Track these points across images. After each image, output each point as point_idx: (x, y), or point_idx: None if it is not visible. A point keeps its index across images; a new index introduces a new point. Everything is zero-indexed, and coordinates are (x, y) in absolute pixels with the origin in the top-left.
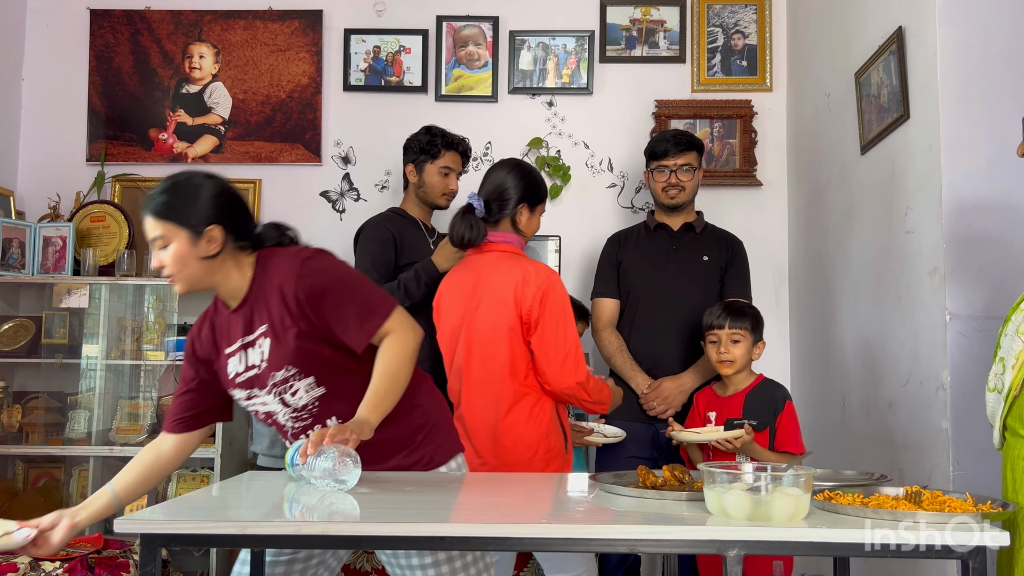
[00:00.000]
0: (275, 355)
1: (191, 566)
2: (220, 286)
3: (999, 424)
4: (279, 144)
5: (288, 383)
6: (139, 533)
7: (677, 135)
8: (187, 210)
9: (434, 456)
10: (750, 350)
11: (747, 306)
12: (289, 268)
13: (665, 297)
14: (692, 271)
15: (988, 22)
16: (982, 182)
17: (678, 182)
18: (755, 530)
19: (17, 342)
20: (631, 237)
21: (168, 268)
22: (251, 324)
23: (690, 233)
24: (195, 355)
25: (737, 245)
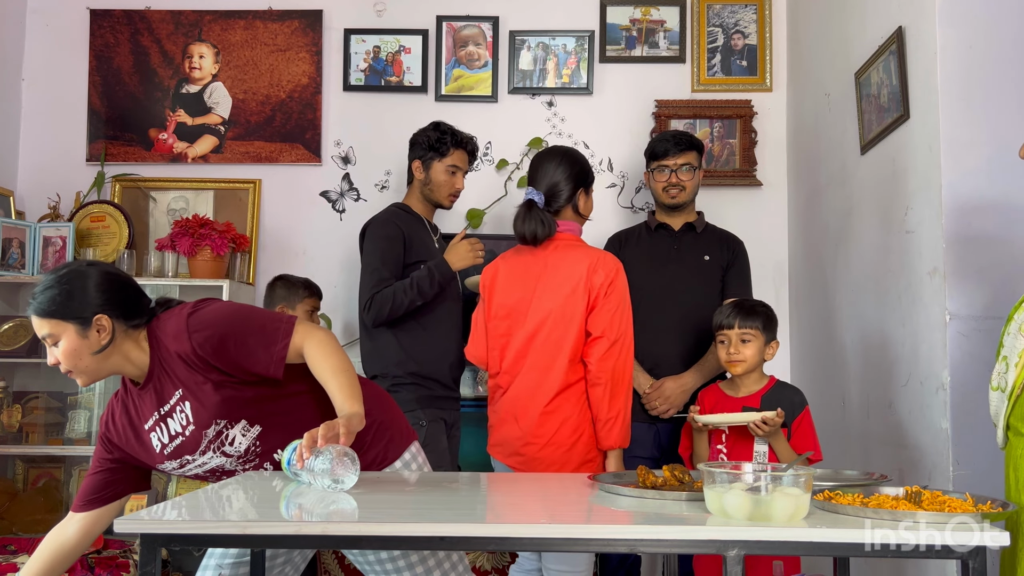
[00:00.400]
0: (200, 415)
1: (191, 566)
2: (122, 369)
3: (1003, 423)
4: (279, 144)
5: (223, 435)
6: (139, 533)
7: (677, 135)
8: (71, 304)
9: (387, 453)
10: (762, 350)
11: (759, 304)
12: (178, 329)
13: (667, 297)
14: (694, 271)
15: (988, 22)
16: (982, 182)
17: (678, 182)
18: (755, 530)
19: (17, 342)
20: (632, 237)
21: (64, 364)
22: (163, 395)
23: (691, 233)
24: (111, 440)
25: (738, 245)
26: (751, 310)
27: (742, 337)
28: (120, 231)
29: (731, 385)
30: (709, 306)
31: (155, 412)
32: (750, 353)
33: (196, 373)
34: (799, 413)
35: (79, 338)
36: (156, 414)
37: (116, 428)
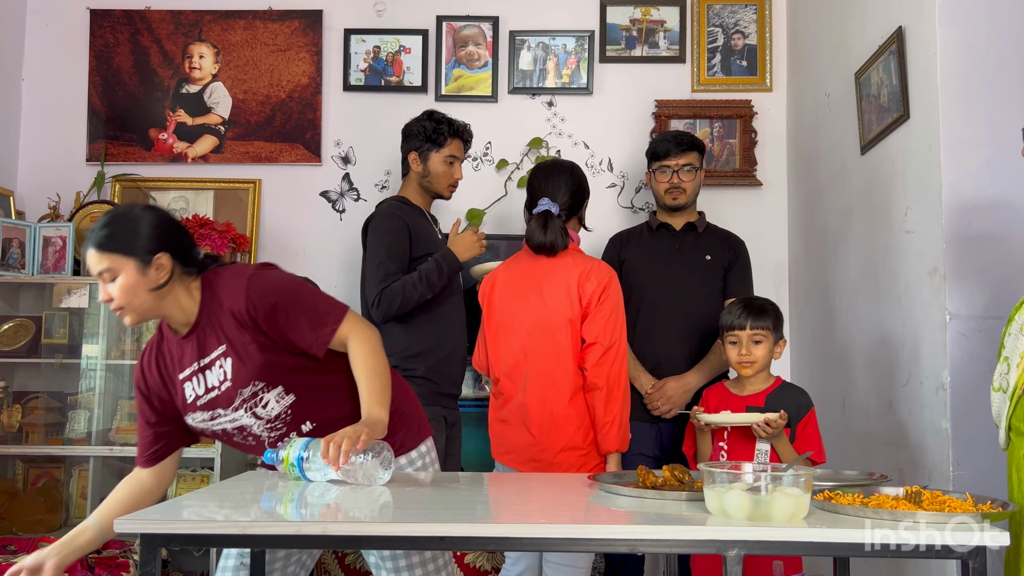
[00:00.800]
0: (240, 372)
1: (191, 566)
2: (171, 314)
3: (1004, 424)
4: (279, 144)
5: (258, 396)
6: (139, 533)
7: (678, 136)
8: (134, 240)
9: (404, 442)
10: (772, 350)
11: (768, 303)
12: (237, 287)
13: (669, 297)
14: (695, 271)
15: (988, 22)
16: (982, 182)
17: (680, 183)
18: (755, 530)
19: (17, 342)
20: (633, 237)
21: (117, 300)
22: (205, 347)
23: (692, 233)
24: (147, 388)
25: (739, 245)
26: (761, 310)
27: (753, 338)
28: None
29: (737, 384)
30: (711, 306)
31: (195, 363)
32: (761, 354)
33: (244, 332)
34: (804, 414)
35: (138, 274)
36: (195, 364)
37: (152, 374)
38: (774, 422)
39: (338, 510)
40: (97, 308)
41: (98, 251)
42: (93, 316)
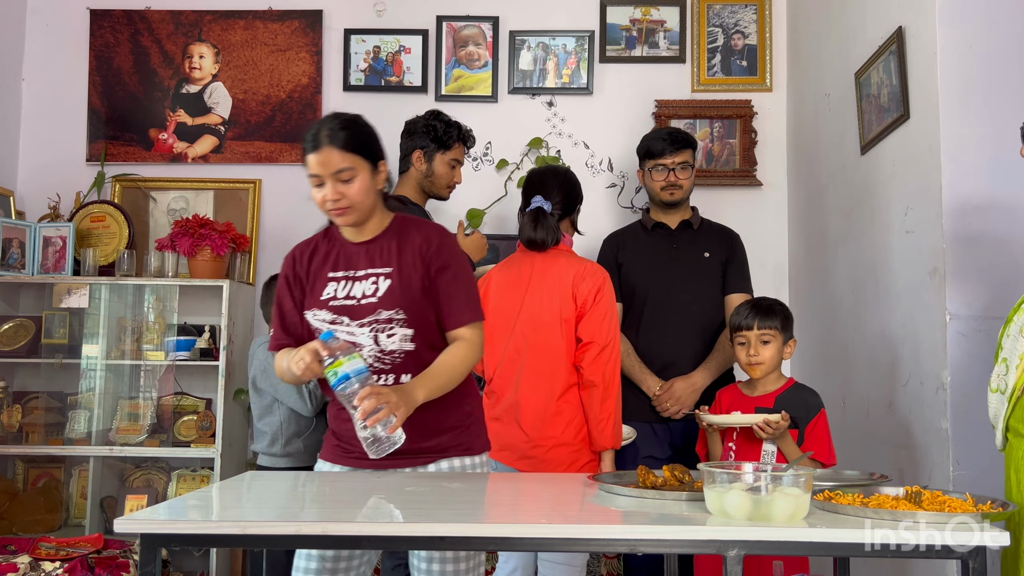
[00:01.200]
0: (394, 295)
1: (191, 566)
2: (367, 221)
3: (1002, 425)
4: (279, 144)
5: (391, 324)
6: (139, 533)
7: (673, 133)
8: (369, 144)
9: (473, 444)
10: (781, 350)
11: (776, 303)
12: (434, 234)
13: (670, 297)
14: (694, 269)
15: (988, 22)
16: (982, 182)
17: (676, 180)
18: (755, 530)
19: (17, 342)
20: (628, 237)
21: (351, 199)
22: (374, 259)
23: (688, 230)
24: (294, 275)
25: (735, 239)
26: (769, 309)
27: (762, 338)
28: (120, 231)
29: (749, 385)
30: (712, 303)
31: (351, 269)
32: (769, 354)
33: (418, 268)
34: (814, 416)
35: (371, 177)
36: (351, 271)
37: (300, 263)
38: (774, 423)
39: (338, 510)
40: (97, 308)
41: (342, 150)
42: (93, 316)
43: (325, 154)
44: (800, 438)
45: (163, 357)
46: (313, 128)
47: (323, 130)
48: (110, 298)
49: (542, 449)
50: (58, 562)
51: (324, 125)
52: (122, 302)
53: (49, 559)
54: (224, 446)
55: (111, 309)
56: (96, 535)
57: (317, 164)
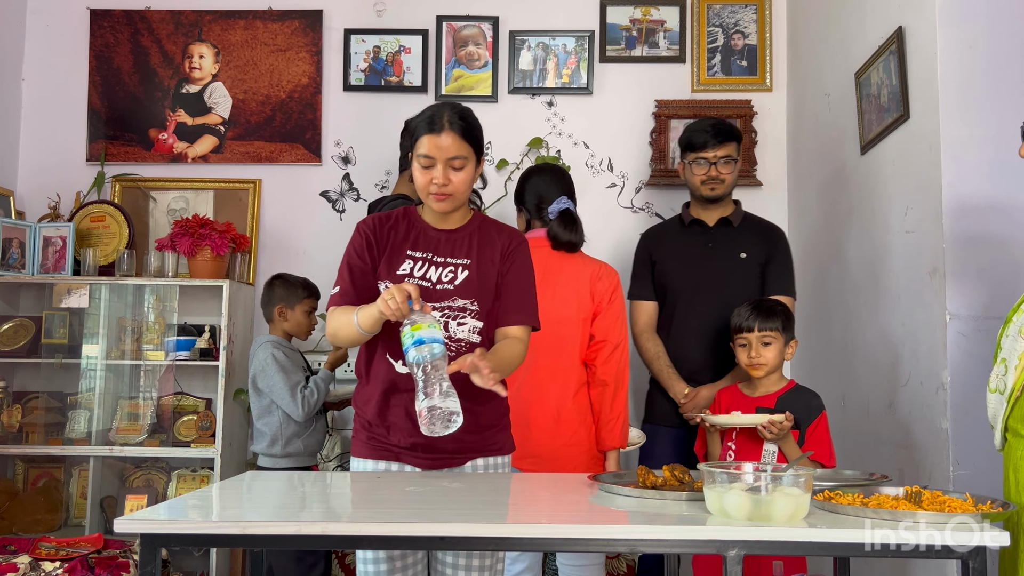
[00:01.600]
0: (470, 286)
1: (191, 566)
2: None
3: (1001, 425)
4: (279, 144)
5: (464, 314)
6: (139, 533)
7: (717, 125)
8: (480, 139)
9: (505, 444)
10: (782, 351)
11: (776, 304)
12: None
13: (703, 298)
14: (729, 270)
15: (988, 22)
16: (982, 182)
17: (718, 175)
18: (755, 530)
19: (17, 342)
20: (664, 234)
21: (455, 186)
22: (454, 249)
23: (727, 228)
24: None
25: (778, 237)
26: (770, 311)
27: (763, 340)
28: (120, 231)
29: (750, 385)
30: None
31: (431, 253)
32: (771, 356)
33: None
34: (815, 418)
35: (474, 170)
36: (430, 254)
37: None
38: (779, 424)
39: (338, 510)
40: (97, 308)
41: (460, 138)
42: (93, 316)
43: (445, 138)
44: (801, 439)
45: (163, 357)
46: (432, 110)
47: (445, 115)
48: (110, 298)
49: (550, 448)
50: (58, 562)
51: (446, 110)
52: (122, 302)
53: (49, 559)
54: (224, 446)
55: (111, 309)
56: (96, 535)
57: (434, 147)
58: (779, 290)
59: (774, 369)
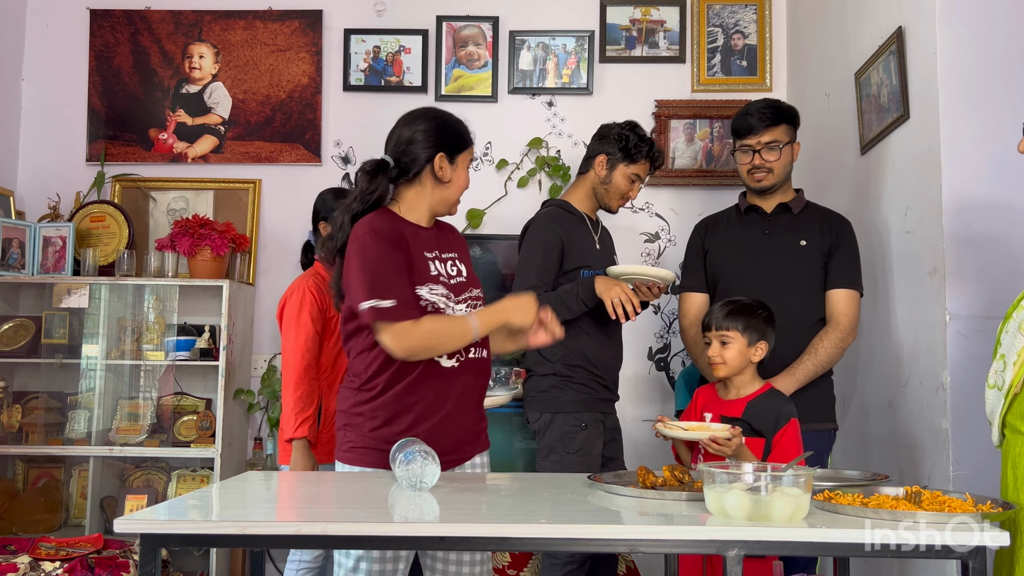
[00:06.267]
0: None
1: (191, 566)
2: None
3: (998, 421)
4: (279, 144)
5: (479, 303)
6: (139, 533)
7: (763, 107)
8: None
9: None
10: (744, 352)
11: (744, 305)
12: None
13: (759, 289)
14: (789, 258)
15: (988, 22)
16: (982, 182)
17: (763, 163)
18: (755, 530)
19: (17, 342)
20: (720, 222)
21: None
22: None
23: (786, 215)
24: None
25: (843, 227)
26: (736, 311)
27: (721, 339)
28: (120, 231)
29: (724, 386)
30: (810, 298)
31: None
32: (730, 355)
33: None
34: (783, 425)
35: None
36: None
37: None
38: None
39: (338, 510)
40: (97, 308)
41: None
42: (93, 316)
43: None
44: (767, 447)
45: (163, 357)
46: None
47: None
48: (110, 298)
49: None
50: (58, 562)
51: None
52: (122, 302)
53: (49, 559)
54: (224, 446)
55: (111, 309)
56: (96, 535)
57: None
58: (842, 282)
59: (735, 370)
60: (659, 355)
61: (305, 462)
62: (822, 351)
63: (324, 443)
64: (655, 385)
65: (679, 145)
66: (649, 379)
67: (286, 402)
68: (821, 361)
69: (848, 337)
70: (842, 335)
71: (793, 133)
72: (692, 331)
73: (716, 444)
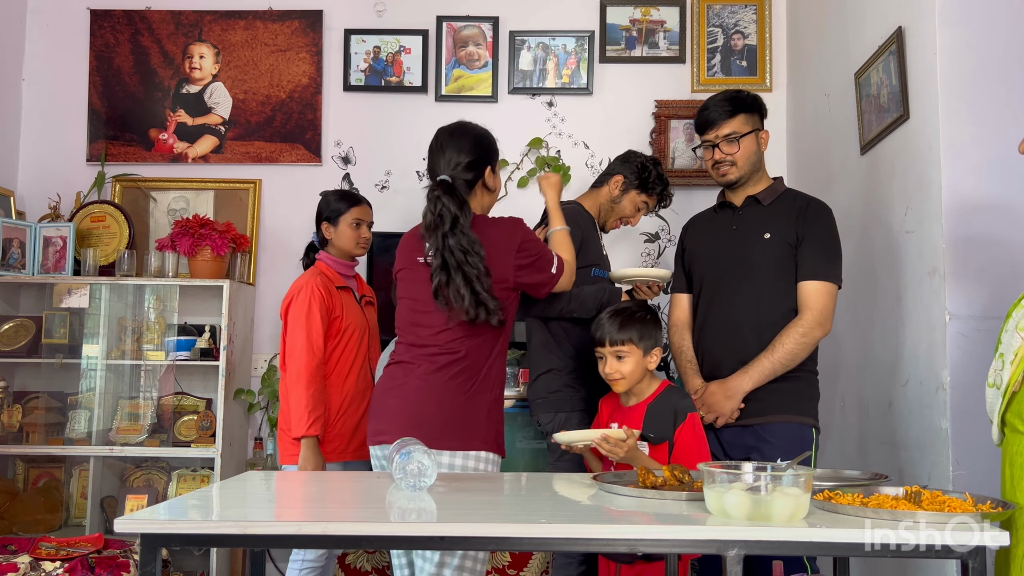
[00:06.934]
0: None
1: (191, 566)
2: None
3: (997, 420)
4: (279, 144)
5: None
6: (139, 533)
7: (718, 100)
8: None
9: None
10: (641, 362)
11: (632, 314)
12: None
13: (727, 287)
14: (752, 253)
15: (988, 22)
16: (982, 182)
17: (723, 157)
18: (755, 530)
19: (17, 342)
20: (700, 221)
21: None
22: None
23: (755, 208)
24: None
25: (813, 215)
26: (624, 323)
27: (616, 354)
28: (120, 231)
29: (625, 393)
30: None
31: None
32: (628, 369)
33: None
34: (681, 421)
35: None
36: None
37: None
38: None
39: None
40: (97, 308)
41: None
42: (93, 316)
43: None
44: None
45: (163, 357)
46: None
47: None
48: (110, 298)
49: None
50: (58, 562)
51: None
52: (122, 302)
53: (49, 559)
54: (224, 446)
55: (111, 309)
56: (96, 535)
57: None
58: (808, 274)
59: (636, 381)
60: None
61: (316, 460)
62: (779, 347)
63: (328, 441)
64: None
65: (679, 145)
66: None
67: (296, 400)
68: (779, 357)
69: (813, 331)
70: (804, 328)
71: (755, 121)
72: (671, 333)
73: (607, 444)
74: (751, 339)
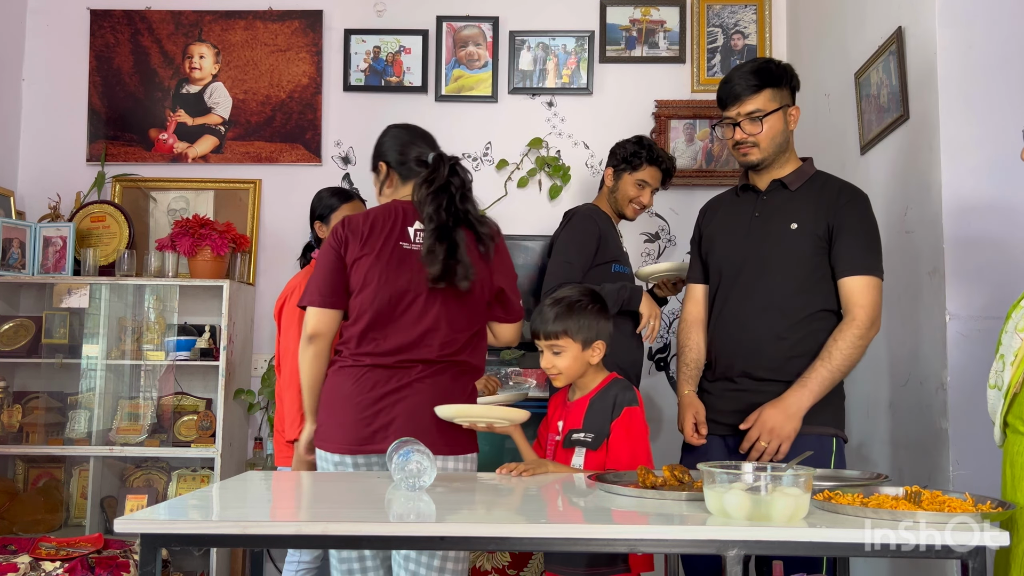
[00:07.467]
0: None
1: (191, 566)
2: None
3: (999, 421)
4: (279, 144)
5: None
6: (139, 533)
7: (745, 72)
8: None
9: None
10: (579, 356)
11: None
12: None
13: (746, 279)
14: (777, 245)
15: (988, 22)
16: (982, 182)
17: (745, 137)
18: (755, 530)
19: (17, 342)
20: (720, 204)
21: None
22: None
23: (780, 193)
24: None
25: (848, 204)
26: (560, 315)
27: (552, 348)
28: (120, 231)
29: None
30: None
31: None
32: (564, 364)
33: None
34: (618, 415)
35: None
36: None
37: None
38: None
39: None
40: (97, 308)
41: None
42: (93, 316)
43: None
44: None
45: (163, 357)
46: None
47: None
48: (110, 298)
49: None
50: (58, 562)
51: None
52: (122, 302)
53: (49, 559)
54: (224, 446)
55: (111, 309)
56: (96, 535)
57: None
58: (851, 268)
59: (576, 375)
60: (659, 355)
61: (308, 463)
62: (836, 352)
63: None
64: (655, 385)
65: (679, 145)
66: (649, 379)
67: (290, 402)
68: (837, 364)
69: (869, 331)
70: (859, 330)
71: (784, 97)
72: (680, 327)
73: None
74: (771, 341)
